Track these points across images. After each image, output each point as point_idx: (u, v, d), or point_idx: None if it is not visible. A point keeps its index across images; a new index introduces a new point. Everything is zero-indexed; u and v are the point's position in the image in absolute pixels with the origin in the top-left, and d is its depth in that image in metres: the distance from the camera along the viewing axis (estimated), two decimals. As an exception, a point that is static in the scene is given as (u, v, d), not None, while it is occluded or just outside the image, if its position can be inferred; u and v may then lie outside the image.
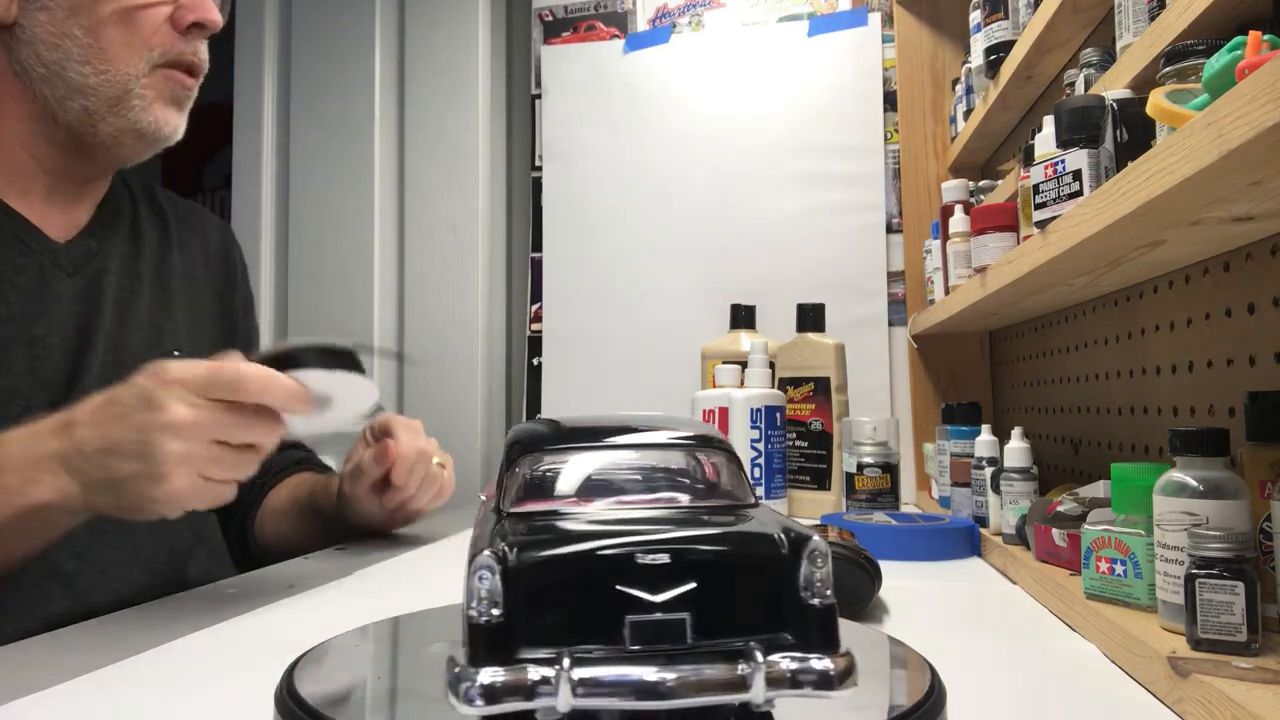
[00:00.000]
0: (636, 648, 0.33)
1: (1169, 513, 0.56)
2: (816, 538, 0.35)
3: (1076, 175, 0.73)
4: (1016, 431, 0.96)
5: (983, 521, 1.02)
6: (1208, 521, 0.53)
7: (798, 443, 1.32)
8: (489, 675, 0.31)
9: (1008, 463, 0.94)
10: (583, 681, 0.31)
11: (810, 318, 1.36)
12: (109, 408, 0.65)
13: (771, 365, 1.32)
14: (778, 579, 0.35)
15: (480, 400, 1.79)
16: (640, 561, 0.33)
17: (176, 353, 0.94)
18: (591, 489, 0.41)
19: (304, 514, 1.04)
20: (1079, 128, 0.73)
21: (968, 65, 1.36)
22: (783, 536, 0.35)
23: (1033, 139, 0.88)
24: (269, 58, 1.92)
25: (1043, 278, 0.86)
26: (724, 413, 1.23)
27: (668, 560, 0.34)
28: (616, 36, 1.79)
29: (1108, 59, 0.86)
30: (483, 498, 0.52)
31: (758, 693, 0.32)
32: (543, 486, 0.41)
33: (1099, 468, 0.90)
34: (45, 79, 0.81)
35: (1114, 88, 0.77)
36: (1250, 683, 0.46)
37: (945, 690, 0.44)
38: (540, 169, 1.82)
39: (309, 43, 1.90)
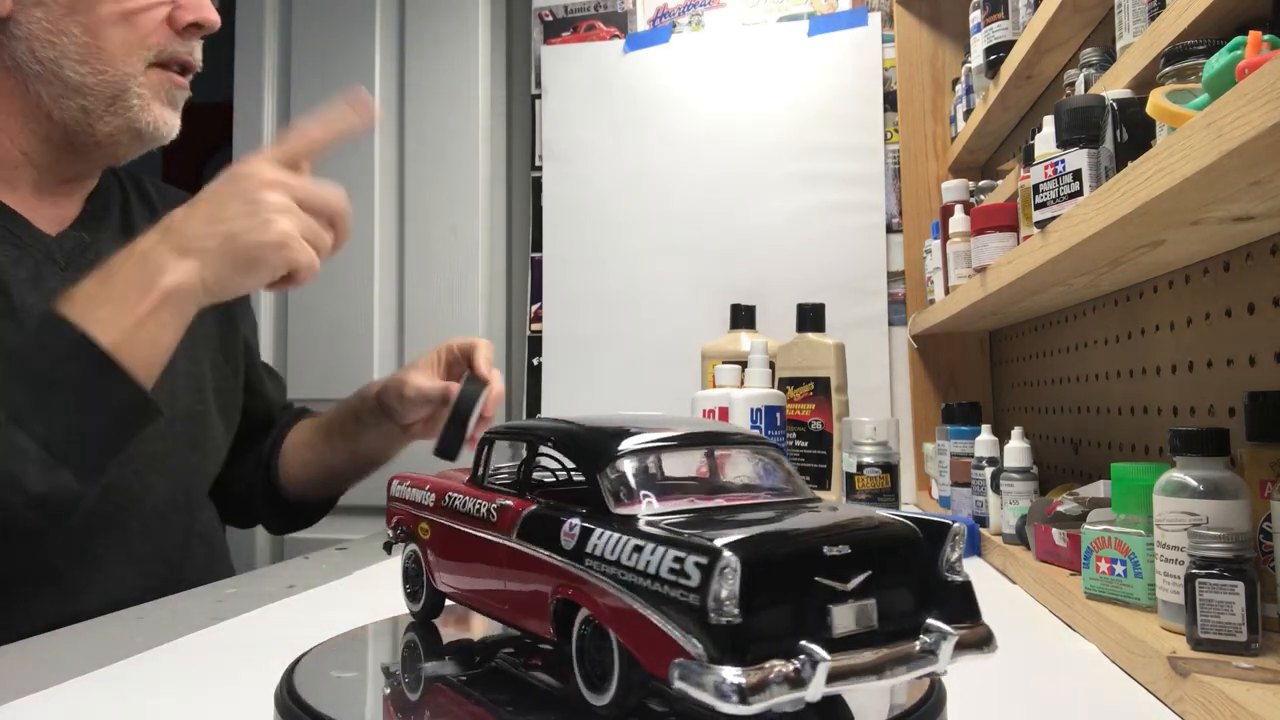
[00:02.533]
0: (841, 634, 0.35)
1: (1169, 513, 0.56)
2: (956, 523, 0.39)
3: (1076, 175, 0.73)
4: (1016, 431, 0.96)
5: (983, 521, 1.02)
6: (1208, 521, 0.53)
7: (798, 443, 1.32)
8: (738, 673, 0.32)
9: (1008, 463, 0.94)
10: (833, 670, 0.33)
11: (810, 318, 1.35)
12: (200, 198, 0.74)
13: (771, 365, 1.32)
14: (923, 560, 0.38)
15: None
16: (828, 553, 0.36)
17: None
18: (689, 488, 0.43)
19: (333, 431, 1.05)
20: (1079, 128, 0.73)
21: (968, 65, 1.36)
22: (914, 524, 0.40)
23: (1033, 139, 0.87)
24: (269, 58, 1.91)
25: (1043, 278, 0.86)
26: (724, 413, 1.23)
27: (849, 550, 0.36)
28: (616, 36, 1.79)
29: (1108, 59, 0.86)
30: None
31: (943, 661, 0.36)
32: (646, 488, 0.42)
33: (1099, 468, 0.90)
34: (40, 76, 0.80)
35: (1114, 88, 0.77)
36: (1250, 683, 0.46)
37: (945, 690, 0.44)
38: (540, 169, 1.82)
39: (309, 43, 1.90)
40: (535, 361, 1.80)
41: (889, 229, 1.63)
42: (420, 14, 1.86)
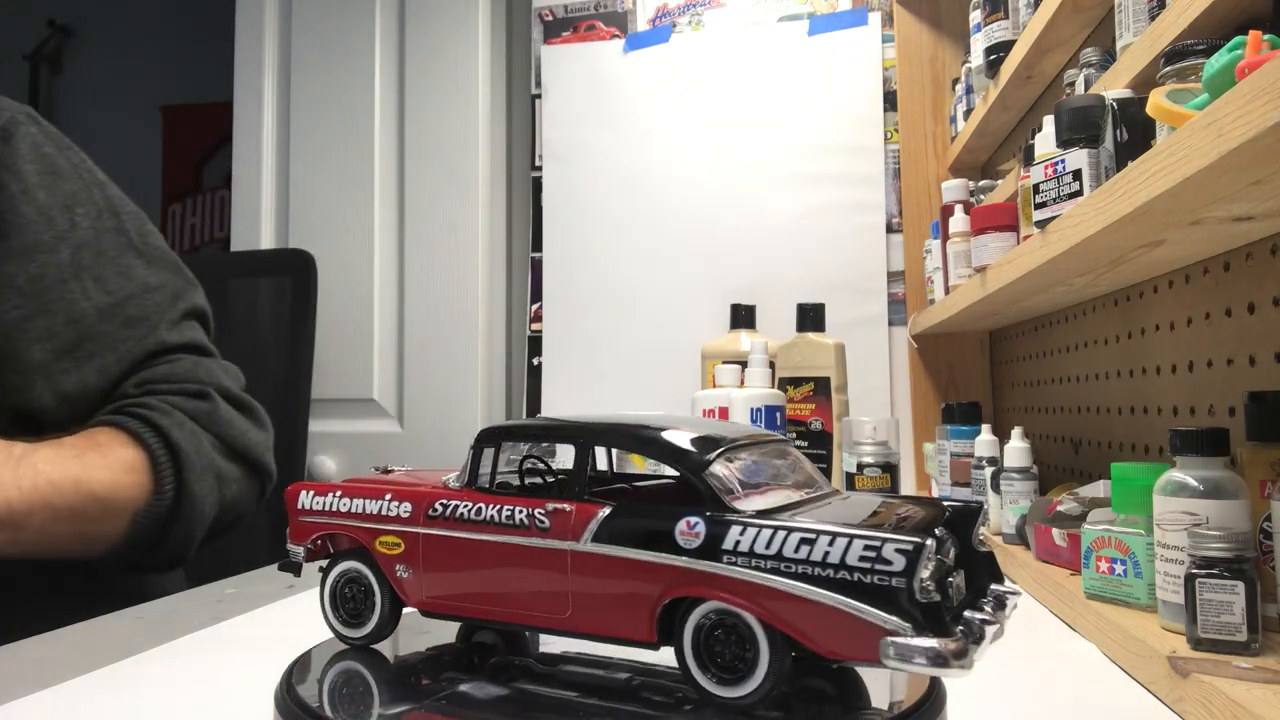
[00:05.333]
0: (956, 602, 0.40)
1: (1169, 512, 0.56)
2: (984, 504, 0.47)
3: (1076, 175, 0.73)
4: (1016, 431, 0.96)
5: (983, 521, 1.01)
6: (1208, 521, 0.53)
7: (798, 443, 1.32)
8: (944, 643, 0.36)
9: (1008, 462, 0.94)
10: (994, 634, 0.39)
11: (810, 318, 1.35)
12: None
13: (771, 365, 1.32)
14: (965, 535, 0.44)
15: (480, 400, 1.79)
16: (937, 534, 0.40)
17: None
18: (758, 485, 0.45)
19: None
20: (1079, 127, 0.73)
21: (968, 65, 1.36)
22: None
23: (1033, 139, 0.87)
24: (269, 58, 1.91)
25: (1043, 277, 0.86)
26: (724, 413, 1.23)
27: (944, 531, 0.42)
28: (616, 36, 1.79)
29: (1108, 59, 0.86)
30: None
31: (1008, 617, 0.42)
32: (741, 485, 0.44)
33: (1099, 468, 0.90)
34: None
35: (1114, 88, 0.76)
36: (1250, 682, 0.46)
37: (945, 690, 0.44)
38: (540, 169, 1.82)
39: (309, 43, 1.90)
40: (535, 361, 1.79)
41: (889, 229, 1.63)
42: (420, 14, 1.86)
